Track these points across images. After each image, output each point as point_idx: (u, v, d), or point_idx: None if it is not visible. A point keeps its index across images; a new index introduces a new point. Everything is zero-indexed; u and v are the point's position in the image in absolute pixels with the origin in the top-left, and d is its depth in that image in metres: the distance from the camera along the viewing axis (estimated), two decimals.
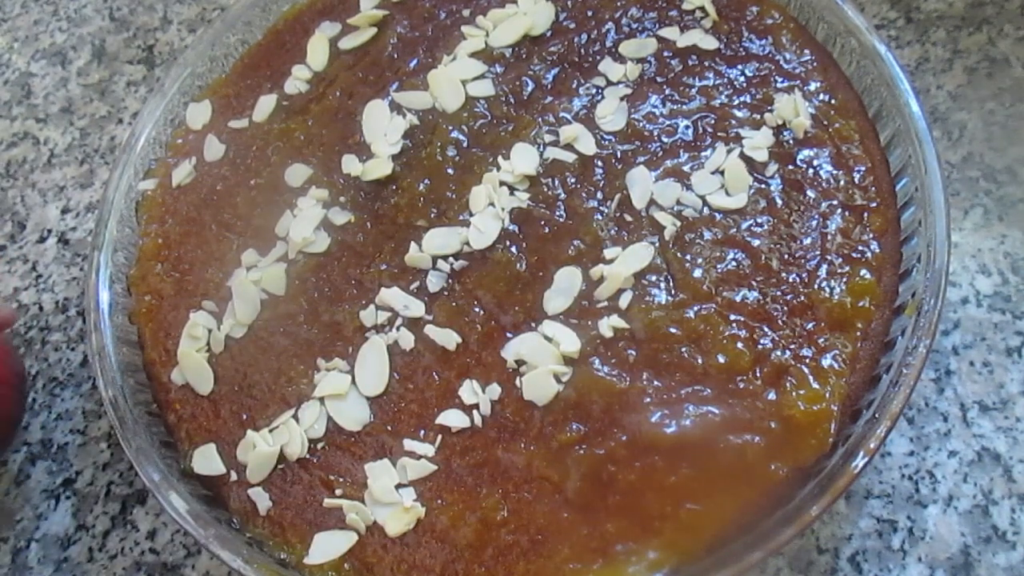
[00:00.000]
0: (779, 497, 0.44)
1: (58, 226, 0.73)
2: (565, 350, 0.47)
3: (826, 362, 0.46)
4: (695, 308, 0.48)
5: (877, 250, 0.49)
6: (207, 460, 0.50)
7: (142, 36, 0.82)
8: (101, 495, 0.60)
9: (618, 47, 0.58)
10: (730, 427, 0.44)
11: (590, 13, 0.60)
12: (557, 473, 0.45)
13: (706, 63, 0.56)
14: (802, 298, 0.48)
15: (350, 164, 0.56)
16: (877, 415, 0.44)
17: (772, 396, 0.45)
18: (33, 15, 0.86)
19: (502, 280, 0.50)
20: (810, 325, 0.47)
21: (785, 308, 0.48)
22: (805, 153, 0.52)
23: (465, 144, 0.56)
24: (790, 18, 0.57)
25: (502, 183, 0.53)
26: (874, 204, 0.51)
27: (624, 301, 0.48)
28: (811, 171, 0.52)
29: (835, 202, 0.51)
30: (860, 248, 0.49)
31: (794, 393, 0.45)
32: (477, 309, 0.50)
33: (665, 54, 0.57)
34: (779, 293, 0.48)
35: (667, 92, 0.55)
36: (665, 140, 0.54)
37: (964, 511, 0.50)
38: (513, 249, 0.51)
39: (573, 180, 0.53)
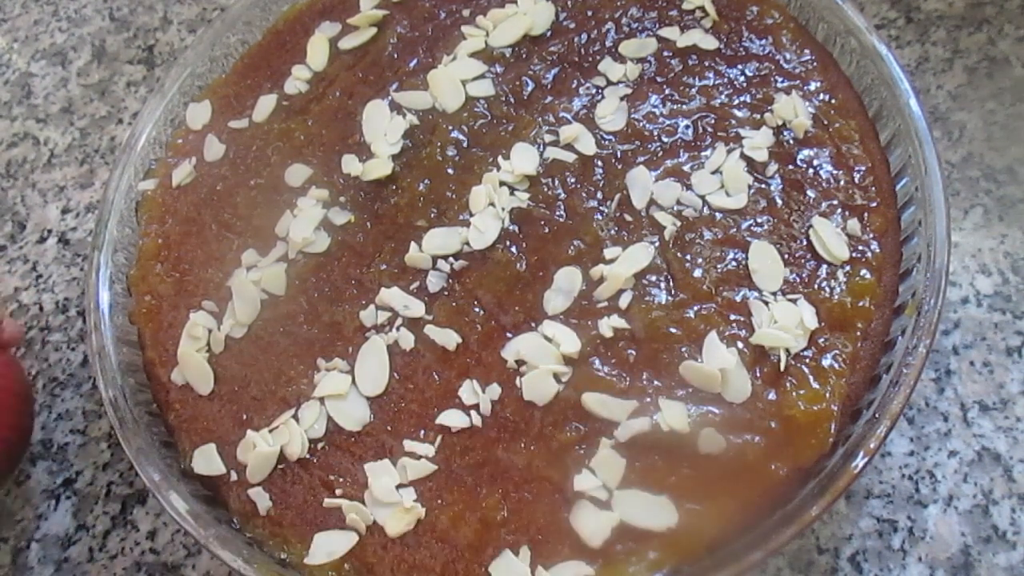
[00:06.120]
0: (779, 497, 0.44)
1: (58, 226, 0.73)
2: (565, 350, 0.47)
3: (826, 362, 0.46)
4: (695, 308, 0.48)
5: (877, 250, 0.49)
6: (207, 460, 0.50)
7: (142, 36, 0.82)
8: (101, 495, 0.60)
9: (618, 47, 0.58)
10: (730, 427, 0.45)
11: (590, 13, 0.60)
12: (557, 473, 0.45)
13: (706, 63, 0.56)
14: (802, 298, 0.48)
15: (350, 164, 0.56)
16: (877, 415, 0.44)
17: (772, 396, 0.45)
18: (33, 15, 0.86)
19: (502, 280, 0.50)
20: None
21: None
22: (805, 153, 0.52)
23: (465, 144, 0.56)
24: (790, 18, 0.57)
25: (502, 183, 0.53)
26: (874, 204, 0.51)
27: (624, 301, 0.48)
28: (811, 171, 0.52)
29: (835, 202, 0.51)
30: (860, 248, 0.49)
31: (794, 393, 0.45)
32: (477, 309, 0.50)
33: (665, 54, 0.57)
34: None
35: (667, 92, 0.55)
36: (665, 140, 0.54)
37: (964, 511, 0.51)
38: (513, 249, 0.51)
39: (573, 180, 0.53)
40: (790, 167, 0.52)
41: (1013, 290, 0.56)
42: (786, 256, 0.49)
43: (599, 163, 0.53)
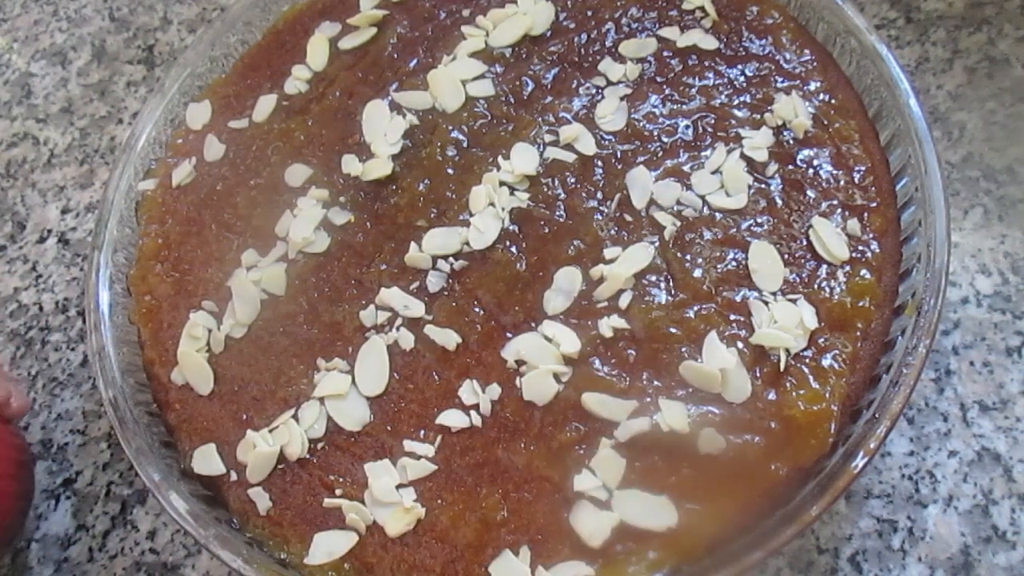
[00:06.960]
0: (779, 497, 0.44)
1: (58, 226, 0.73)
2: (565, 350, 0.47)
3: (826, 362, 0.46)
4: (695, 308, 0.48)
5: (877, 250, 0.49)
6: (207, 460, 0.50)
7: (142, 36, 0.82)
8: (101, 495, 0.60)
9: (618, 47, 0.58)
10: (730, 427, 0.45)
11: (590, 13, 0.60)
12: (557, 473, 0.45)
13: (706, 63, 0.56)
14: (802, 298, 0.48)
15: (350, 164, 0.56)
16: (877, 415, 0.44)
17: (772, 396, 0.45)
18: (33, 15, 0.86)
19: (502, 280, 0.50)
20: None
21: None
22: (805, 153, 0.52)
23: (465, 144, 0.56)
24: (790, 18, 0.57)
25: (502, 183, 0.53)
26: (874, 204, 0.51)
27: (624, 301, 0.48)
28: (811, 171, 0.52)
29: (835, 202, 0.51)
30: (860, 248, 0.49)
31: (794, 393, 0.45)
32: (477, 309, 0.50)
33: (665, 54, 0.57)
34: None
35: (667, 92, 0.55)
36: (665, 140, 0.54)
37: (964, 511, 0.51)
38: (513, 249, 0.51)
39: (573, 180, 0.53)
40: (790, 167, 0.52)
41: (1013, 290, 0.56)
42: (786, 256, 0.49)
43: (599, 163, 0.53)
